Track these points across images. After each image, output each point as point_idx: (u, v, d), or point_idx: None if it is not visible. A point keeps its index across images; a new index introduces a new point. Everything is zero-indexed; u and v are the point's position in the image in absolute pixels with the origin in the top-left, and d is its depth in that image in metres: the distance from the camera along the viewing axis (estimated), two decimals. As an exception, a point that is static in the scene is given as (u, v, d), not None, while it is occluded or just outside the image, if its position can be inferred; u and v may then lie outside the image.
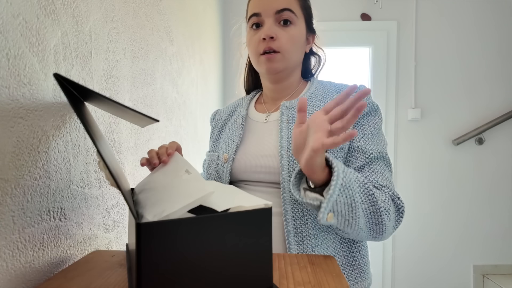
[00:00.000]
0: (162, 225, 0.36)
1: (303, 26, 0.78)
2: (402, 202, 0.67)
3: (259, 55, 0.76)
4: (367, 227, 0.63)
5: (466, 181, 2.30)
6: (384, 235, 0.65)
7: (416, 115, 2.30)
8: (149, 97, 0.99)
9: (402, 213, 0.67)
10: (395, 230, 0.68)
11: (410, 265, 2.33)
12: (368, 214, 0.62)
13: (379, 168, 0.70)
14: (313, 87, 0.81)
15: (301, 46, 0.78)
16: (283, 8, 0.74)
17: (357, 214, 0.59)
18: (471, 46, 2.28)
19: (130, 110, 0.52)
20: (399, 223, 0.68)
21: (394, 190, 0.69)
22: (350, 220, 0.59)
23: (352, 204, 0.58)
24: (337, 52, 2.39)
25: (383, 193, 0.66)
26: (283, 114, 0.76)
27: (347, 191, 0.57)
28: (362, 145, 0.71)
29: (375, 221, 0.63)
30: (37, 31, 0.51)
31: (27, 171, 0.49)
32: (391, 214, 0.65)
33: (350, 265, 0.74)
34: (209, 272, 0.39)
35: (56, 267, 0.56)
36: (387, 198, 0.65)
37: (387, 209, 0.63)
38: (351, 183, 0.57)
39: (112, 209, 0.76)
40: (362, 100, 0.76)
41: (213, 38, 1.98)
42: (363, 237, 0.66)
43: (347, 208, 0.57)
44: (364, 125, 0.74)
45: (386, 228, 0.64)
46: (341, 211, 0.57)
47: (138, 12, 0.90)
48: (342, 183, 0.56)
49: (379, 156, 0.71)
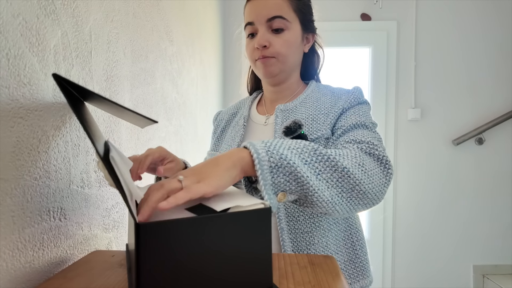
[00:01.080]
0: (161, 225, 0.36)
1: (298, 28, 0.77)
2: (382, 152, 0.61)
3: (255, 60, 0.78)
4: (342, 197, 0.55)
5: (466, 181, 2.30)
6: (370, 196, 0.57)
7: (416, 115, 2.30)
8: (149, 97, 0.99)
9: (387, 164, 0.61)
10: (386, 185, 0.60)
11: (410, 265, 2.33)
12: (335, 182, 0.54)
13: (357, 132, 0.67)
14: (309, 90, 0.82)
15: (297, 48, 0.79)
16: (274, 16, 0.73)
17: (313, 189, 0.52)
18: (471, 46, 2.28)
19: (129, 111, 0.52)
20: (388, 176, 0.60)
21: (371, 142, 0.63)
22: (309, 197, 0.52)
23: (299, 180, 0.51)
24: (337, 52, 2.39)
25: (347, 149, 0.60)
26: (278, 117, 0.78)
27: (283, 168, 0.50)
28: (343, 123, 0.71)
29: (348, 186, 0.55)
30: (37, 31, 0.51)
31: (27, 171, 0.49)
32: (369, 168, 0.58)
33: (352, 263, 0.74)
34: (208, 272, 0.39)
35: (56, 267, 0.56)
36: (357, 153, 0.59)
37: (359, 164, 0.57)
38: (286, 159, 0.50)
39: (112, 209, 0.76)
40: (352, 93, 0.76)
41: (213, 38, 1.98)
42: (348, 210, 0.57)
43: (295, 184, 0.51)
44: (349, 111, 0.74)
45: (366, 188, 0.56)
46: (290, 188, 0.51)
47: (138, 12, 0.90)
48: (271, 165, 0.49)
49: (359, 124, 0.69)
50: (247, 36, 0.79)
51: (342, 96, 0.77)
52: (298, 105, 0.79)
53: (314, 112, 0.76)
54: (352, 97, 0.76)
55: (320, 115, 0.75)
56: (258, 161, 0.49)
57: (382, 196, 0.59)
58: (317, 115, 0.75)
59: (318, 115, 0.75)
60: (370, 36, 2.33)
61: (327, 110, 0.75)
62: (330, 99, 0.77)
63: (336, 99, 0.77)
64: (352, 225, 0.77)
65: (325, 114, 0.75)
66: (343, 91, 0.79)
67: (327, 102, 0.77)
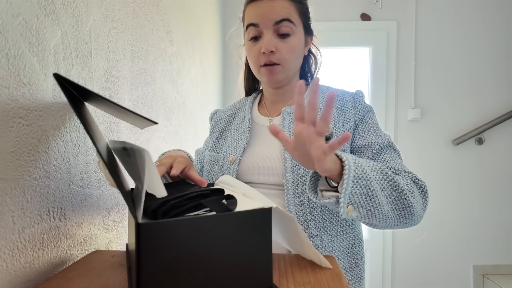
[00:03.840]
0: (162, 225, 0.36)
1: (302, 32, 0.76)
2: (423, 182, 0.67)
3: (260, 66, 0.75)
4: (395, 213, 0.62)
5: (466, 181, 2.30)
6: (414, 218, 0.64)
7: (416, 115, 2.30)
8: (149, 97, 0.99)
9: (427, 192, 0.67)
10: (424, 211, 0.67)
11: (410, 265, 2.33)
12: (393, 200, 0.62)
13: (389, 156, 0.71)
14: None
15: (301, 53, 0.78)
16: (282, 19, 0.71)
17: (378, 202, 0.59)
18: (471, 46, 2.28)
19: (129, 112, 0.52)
20: (426, 203, 0.67)
21: (412, 172, 0.68)
22: (372, 210, 0.59)
23: (370, 193, 0.58)
24: (337, 52, 2.39)
25: (402, 177, 0.66)
26: (285, 119, 0.77)
27: (362, 181, 0.57)
28: (365, 142, 0.73)
29: (401, 205, 0.62)
30: (37, 31, 0.51)
31: (26, 171, 0.49)
32: (416, 195, 0.64)
33: (352, 271, 0.75)
34: (208, 272, 0.39)
35: (56, 267, 0.55)
36: (408, 181, 0.65)
37: (411, 191, 0.63)
38: (365, 173, 0.58)
39: (112, 209, 0.76)
40: (358, 102, 0.77)
41: (213, 38, 1.98)
42: (393, 225, 0.64)
43: (365, 198, 0.58)
44: (363, 125, 0.76)
45: (414, 211, 0.63)
46: (359, 202, 0.57)
47: (138, 12, 0.90)
48: (355, 175, 0.56)
49: (386, 145, 0.73)
50: (249, 39, 0.76)
51: (347, 103, 0.77)
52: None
53: None
54: (360, 107, 0.77)
55: None
56: (348, 167, 0.55)
57: (420, 220, 0.67)
58: None
59: None
60: (370, 36, 2.33)
61: (334, 116, 0.76)
62: (335, 103, 0.77)
63: (342, 106, 0.77)
64: (357, 235, 0.78)
65: (334, 121, 0.76)
66: (347, 95, 0.79)
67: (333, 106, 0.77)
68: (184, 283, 0.37)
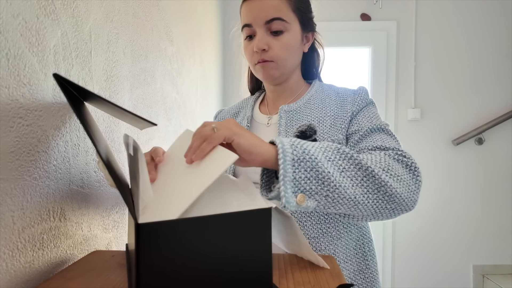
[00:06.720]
0: (161, 225, 0.36)
1: (297, 28, 0.75)
2: (411, 159, 0.60)
3: (254, 64, 0.76)
4: (368, 198, 0.54)
5: (466, 181, 2.30)
6: (399, 201, 0.56)
7: (416, 115, 2.30)
8: (149, 97, 0.99)
9: (416, 170, 0.60)
10: (416, 192, 0.59)
11: (409, 265, 2.33)
12: (360, 181, 0.53)
13: (378, 137, 0.67)
14: (313, 90, 0.81)
15: (297, 49, 0.77)
16: (272, 18, 0.71)
17: (337, 186, 0.51)
18: (470, 46, 2.28)
19: (128, 112, 0.52)
20: (418, 183, 0.59)
21: (399, 149, 0.62)
22: (331, 195, 0.51)
23: (320, 176, 0.50)
24: (337, 52, 2.39)
25: (373, 154, 0.59)
26: (282, 118, 0.76)
27: (305, 163, 0.50)
28: (355, 128, 0.71)
29: (374, 186, 0.54)
30: (37, 31, 0.51)
31: (26, 171, 0.49)
32: (399, 174, 0.57)
33: (362, 273, 0.72)
34: (208, 272, 0.39)
35: (56, 267, 0.55)
36: (384, 158, 0.58)
37: (385, 169, 0.55)
38: (308, 154, 0.50)
39: (112, 209, 0.76)
40: (359, 95, 0.76)
41: (213, 38, 1.98)
42: (375, 212, 0.56)
43: (316, 182, 0.50)
44: (359, 115, 0.74)
45: (395, 191, 0.55)
46: (311, 188, 0.50)
47: (138, 12, 0.90)
48: (293, 158, 0.49)
49: (375, 128, 0.69)
50: (245, 38, 0.77)
51: (348, 98, 0.76)
52: (302, 106, 0.78)
53: (320, 115, 0.75)
54: (359, 99, 0.75)
55: (326, 118, 0.74)
56: (282, 150, 0.49)
57: (413, 203, 0.58)
58: (323, 117, 0.74)
59: (324, 117, 0.74)
60: (370, 36, 2.33)
61: (333, 112, 0.74)
62: (335, 100, 0.76)
63: (342, 101, 0.76)
64: (365, 235, 0.76)
65: (332, 116, 0.74)
66: (348, 91, 0.78)
67: (333, 104, 0.76)
68: (184, 283, 0.37)
